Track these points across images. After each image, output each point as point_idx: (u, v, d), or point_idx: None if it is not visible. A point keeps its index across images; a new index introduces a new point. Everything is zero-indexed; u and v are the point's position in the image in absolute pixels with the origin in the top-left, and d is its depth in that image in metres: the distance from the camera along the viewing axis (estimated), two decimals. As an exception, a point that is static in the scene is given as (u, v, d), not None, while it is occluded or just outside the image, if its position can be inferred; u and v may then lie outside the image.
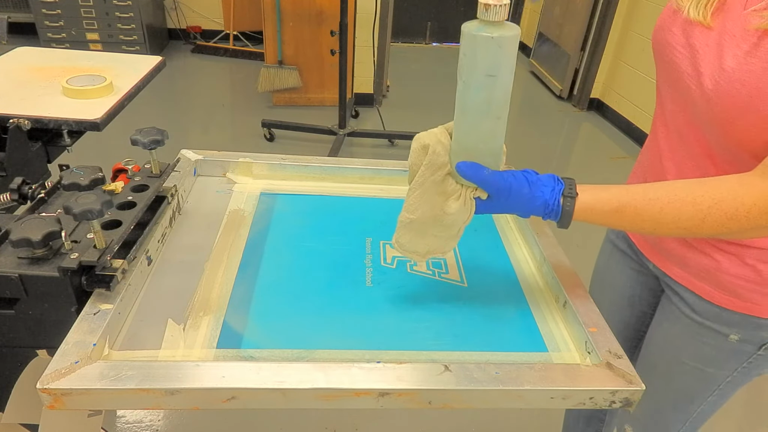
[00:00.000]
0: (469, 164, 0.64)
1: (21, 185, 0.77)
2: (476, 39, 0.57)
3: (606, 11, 3.70)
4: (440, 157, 0.65)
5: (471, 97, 0.61)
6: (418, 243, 0.71)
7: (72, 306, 0.64)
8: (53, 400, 0.56)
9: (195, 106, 3.73)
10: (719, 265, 0.77)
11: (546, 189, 0.65)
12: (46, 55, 1.22)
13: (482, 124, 0.62)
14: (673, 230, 0.65)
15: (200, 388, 0.57)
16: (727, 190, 0.62)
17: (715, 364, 0.83)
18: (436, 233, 0.70)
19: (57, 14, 3.92)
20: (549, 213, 0.65)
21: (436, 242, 0.71)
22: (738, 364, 0.82)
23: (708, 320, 0.81)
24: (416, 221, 0.69)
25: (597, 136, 3.74)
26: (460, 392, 0.61)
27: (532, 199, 0.64)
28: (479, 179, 0.64)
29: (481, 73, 0.59)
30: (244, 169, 1.05)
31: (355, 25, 3.36)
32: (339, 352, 0.67)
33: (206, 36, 4.80)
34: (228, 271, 0.80)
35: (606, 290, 1.03)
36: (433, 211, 0.68)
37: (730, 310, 0.78)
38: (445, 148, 0.65)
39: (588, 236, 1.34)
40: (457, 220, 0.68)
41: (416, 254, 0.73)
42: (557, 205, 0.64)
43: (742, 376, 0.84)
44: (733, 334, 0.79)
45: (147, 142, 0.80)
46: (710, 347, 0.82)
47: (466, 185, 0.66)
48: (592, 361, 0.68)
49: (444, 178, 0.66)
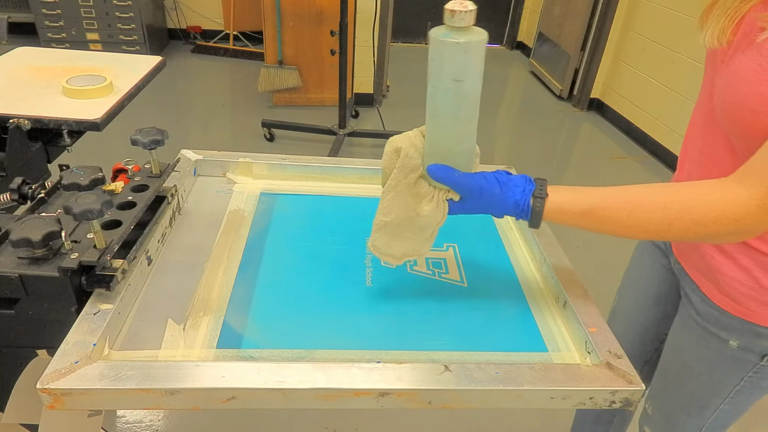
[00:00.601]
0: (440, 167, 0.64)
1: (21, 185, 0.77)
2: (443, 44, 0.58)
3: (606, 11, 3.70)
4: (412, 160, 0.66)
5: (440, 102, 0.62)
6: (393, 245, 0.72)
7: (72, 306, 0.64)
8: (53, 400, 0.56)
9: (195, 106, 3.73)
10: (719, 265, 0.76)
11: (517, 189, 0.65)
12: (46, 55, 1.22)
13: (452, 127, 0.63)
14: (641, 234, 0.65)
15: (200, 388, 0.57)
16: (699, 195, 0.62)
17: (720, 371, 0.81)
18: (411, 235, 0.71)
19: (57, 14, 3.92)
20: (520, 213, 0.66)
21: (411, 244, 0.72)
22: (744, 373, 0.80)
23: (710, 324, 0.81)
24: (391, 224, 0.70)
25: (597, 136, 3.74)
26: (460, 392, 0.61)
27: (504, 200, 0.65)
28: (451, 181, 0.65)
29: (448, 77, 0.59)
30: (244, 169, 1.05)
31: (355, 25, 3.36)
32: (339, 352, 0.67)
33: (206, 36, 4.79)
34: (228, 271, 0.80)
35: (633, 287, 1.02)
36: (407, 213, 0.69)
37: (729, 314, 0.77)
38: (417, 150, 0.66)
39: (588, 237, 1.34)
40: (430, 222, 0.69)
41: (392, 257, 0.73)
42: (527, 205, 0.65)
43: (752, 387, 0.82)
44: (733, 339, 0.78)
45: (147, 142, 0.80)
46: (713, 352, 0.81)
47: (438, 187, 0.67)
48: (592, 361, 0.68)
49: (417, 180, 0.67)
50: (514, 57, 5.32)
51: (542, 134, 3.77)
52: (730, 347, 0.79)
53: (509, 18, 5.39)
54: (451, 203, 0.68)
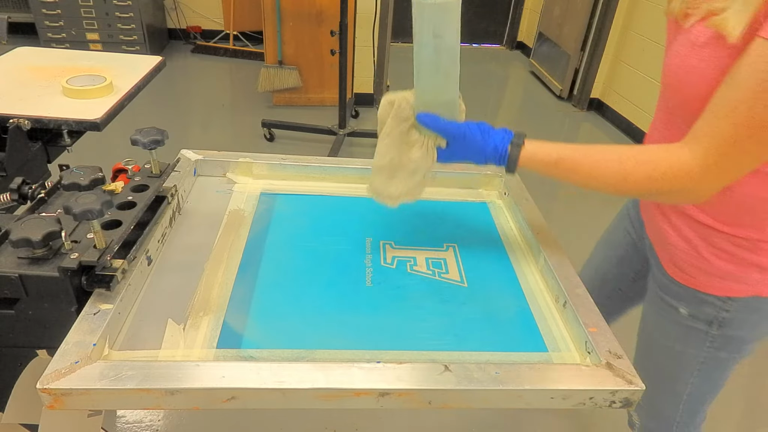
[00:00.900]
0: (428, 115, 0.74)
1: (21, 185, 0.77)
2: (423, 6, 0.67)
3: (606, 11, 3.70)
4: (404, 111, 0.76)
5: (423, 57, 0.71)
6: (389, 186, 0.81)
7: (72, 306, 0.64)
8: (53, 400, 0.56)
9: (195, 106, 3.72)
10: (667, 236, 0.84)
11: (497, 137, 0.74)
12: (46, 55, 1.22)
13: (434, 79, 0.73)
14: (601, 185, 0.72)
15: (200, 388, 0.57)
16: (651, 154, 0.70)
17: (679, 342, 0.85)
18: (404, 177, 0.80)
19: (57, 14, 3.92)
20: (498, 158, 0.74)
21: (405, 186, 0.81)
22: (702, 344, 0.85)
23: (665, 293, 0.88)
24: (386, 167, 0.79)
25: (597, 136, 3.74)
26: (460, 392, 0.61)
27: (484, 146, 0.74)
28: (436, 127, 0.74)
29: (429, 34, 0.68)
30: (244, 169, 1.05)
31: (355, 25, 3.36)
32: (339, 352, 0.67)
33: (206, 36, 4.79)
34: (228, 271, 0.80)
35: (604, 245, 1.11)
36: (400, 158, 0.78)
37: (678, 282, 0.84)
38: (409, 104, 0.76)
39: (589, 237, 1.35)
40: (420, 166, 0.78)
41: (389, 198, 0.82)
42: (505, 151, 0.73)
43: (714, 361, 0.86)
44: (682, 308, 0.85)
45: (147, 142, 0.80)
46: (669, 322, 0.86)
47: (428, 135, 0.76)
48: (592, 361, 0.68)
49: (408, 129, 0.77)
50: (514, 57, 5.32)
51: (542, 134, 3.74)
52: (681, 315, 0.85)
53: (509, 18, 5.39)
54: (439, 150, 0.77)
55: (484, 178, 1.11)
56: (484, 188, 1.12)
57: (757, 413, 1.72)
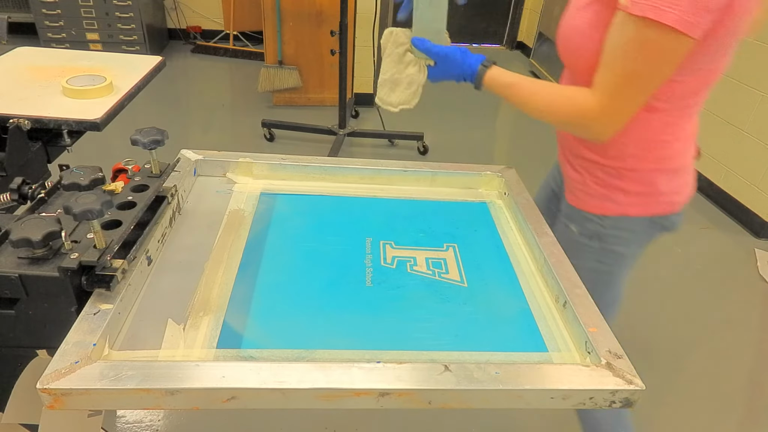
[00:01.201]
0: (421, 39, 0.94)
1: (21, 185, 0.77)
2: None
3: (606, 11, 3.70)
4: (400, 37, 0.97)
5: None
6: (391, 96, 1.00)
7: (72, 306, 0.64)
8: (53, 400, 0.56)
9: (195, 106, 3.73)
10: (568, 171, 1.03)
11: (472, 59, 0.93)
12: (46, 55, 1.22)
13: (428, 12, 0.92)
14: (534, 111, 0.90)
15: (200, 388, 0.57)
16: (567, 90, 0.88)
17: (574, 257, 0.90)
18: (402, 90, 0.99)
19: (57, 14, 3.92)
20: (470, 75, 0.93)
21: (403, 96, 0.99)
22: (589, 257, 1.01)
23: (565, 217, 1.05)
24: (388, 80, 0.99)
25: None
26: (460, 392, 0.61)
27: (462, 64, 0.93)
28: (425, 49, 0.94)
29: None
30: (244, 169, 1.05)
31: (355, 25, 3.36)
32: (339, 352, 0.67)
33: (206, 36, 4.80)
34: (228, 271, 0.80)
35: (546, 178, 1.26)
36: (399, 73, 0.98)
37: (570, 205, 1.02)
38: (405, 34, 0.96)
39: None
40: (415, 80, 0.98)
41: (391, 105, 1.00)
42: (476, 69, 0.92)
43: (598, 272, 1.01)
44: (574, 225, 1.02)
45: (147, 142, 0.80)
46: (566, 241, 0.97)
47: (420, 56, 0.96)
48: (592, 361, 0.68)
49: (405, 51, 0.97)
50: (514, 57, 5.32)
51: (542, 134, 3.76)
52: (574, 233, 1.02)
53: (509, 18, 5.39)
54: (429, 69, 0.96)
55: (484, 178, 1.11)
56: (484, 188, 1.12)
57: (757, 413, 1.72)
